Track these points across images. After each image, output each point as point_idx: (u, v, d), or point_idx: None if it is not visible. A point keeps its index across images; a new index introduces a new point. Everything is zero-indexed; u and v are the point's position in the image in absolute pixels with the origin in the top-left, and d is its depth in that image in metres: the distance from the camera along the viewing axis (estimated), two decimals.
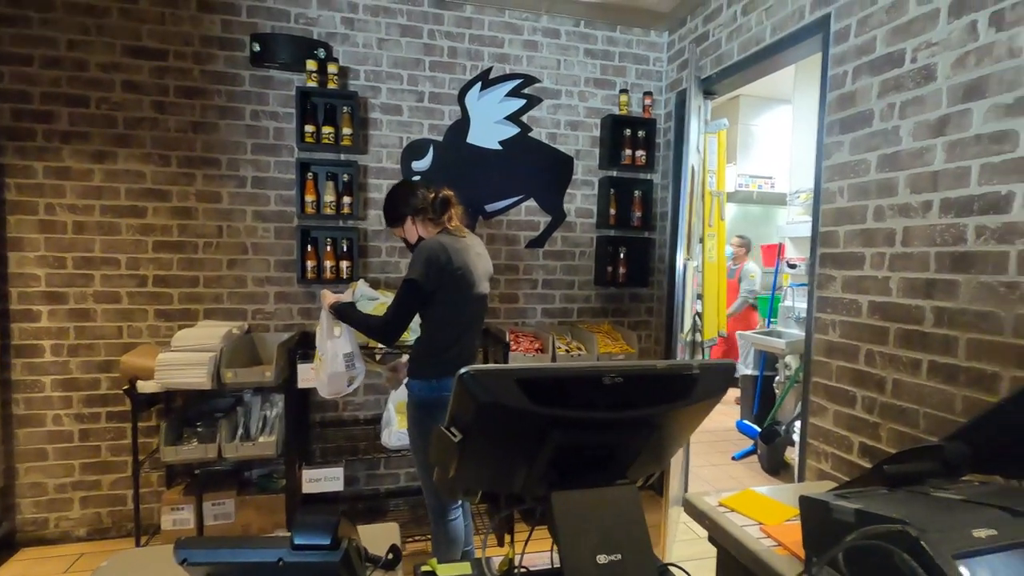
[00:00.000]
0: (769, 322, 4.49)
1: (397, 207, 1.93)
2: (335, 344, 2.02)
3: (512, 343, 2.70)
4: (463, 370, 0.67)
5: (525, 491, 0.79)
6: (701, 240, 2.82)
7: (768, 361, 4.25)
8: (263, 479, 2.70)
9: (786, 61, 2.46)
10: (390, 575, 0.81)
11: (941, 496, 0.80)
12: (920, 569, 0.62)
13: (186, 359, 2.27)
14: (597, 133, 3.13)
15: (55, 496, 2.58)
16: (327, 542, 0.56)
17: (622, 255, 3.12)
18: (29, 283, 2.50)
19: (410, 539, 2.57)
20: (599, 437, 0.75)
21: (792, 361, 3.90)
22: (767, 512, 1.05)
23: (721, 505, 1.06)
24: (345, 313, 1.94)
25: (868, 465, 1.83)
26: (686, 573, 0.89)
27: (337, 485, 2.48)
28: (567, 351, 2.75)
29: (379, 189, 2.84)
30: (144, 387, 2.30)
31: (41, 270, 2.51)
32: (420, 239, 1.91)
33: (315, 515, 0.57)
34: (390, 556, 0.79)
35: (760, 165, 5.57)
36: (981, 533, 0.68)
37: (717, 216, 3.07)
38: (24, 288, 2.49)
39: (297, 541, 0.56)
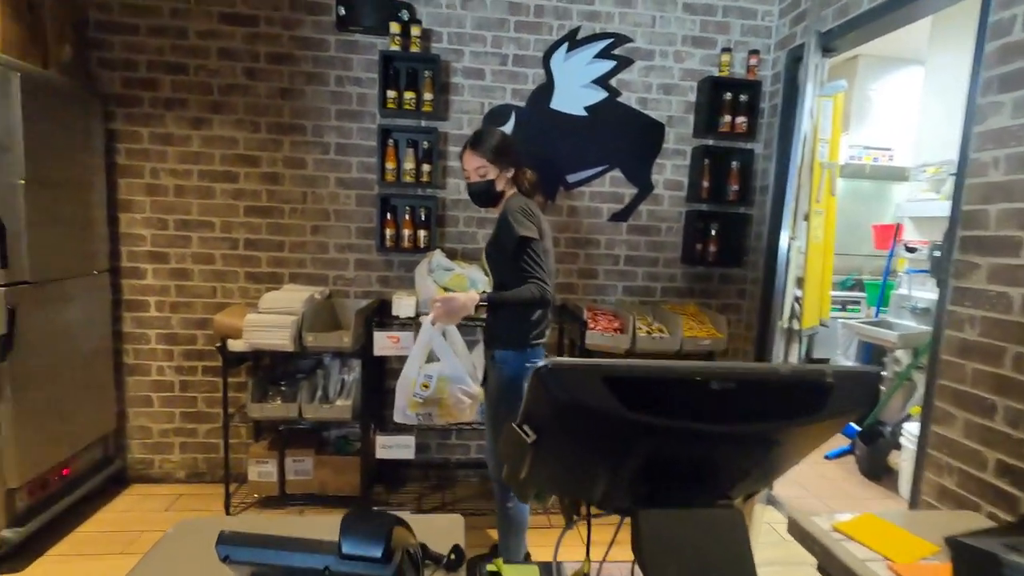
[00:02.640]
0: (878, 311, 4.04)
1: (508, 150, 1.89)
2: (447, 364, 1.95)
3: (590, 321, 2.57)
4: (541, 363, 0.57)
5: (606, 503, 0.69)
6: (806, 217, 2.53)
7: (874, 354, 3.84)
8: (340, 440, 2.79)
9: (929, 9, 2.09)
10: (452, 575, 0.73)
11: None
12: None
13: (271, 321, 2.35)
14: (693, 98, 2.86)
15: (159, 440, 2.80)
16: (378, 555, 0.49)
17: (713, 232, 2.88)
18: (136, 243, 2.67)
19: (477, 512, 2.56)
20: (700, 451, 0.62)
21: (903, 356, 3.49)
22: (895, 545, 0.88)
23: (836, 530, 0.90)
24: (498, 300, 1.81)
25: (1009, 488, 1.56)
26: None
27: (408, 453, 2.51)
28: (648, 333, 2.59)
29: (458, 157, 2.77)
30: (234, 346, 2.41)
31: (147, 231, 2.67)
32: (498, 195, 1.91)
33: (366, 520, 0.50)
34: (452, 556, 0.72)
35: (877, 135, 4.95)
36: None
37: (827, 191, 2.74)
38: (132, 247, 2.67)
39: (345, 550, 0.49)
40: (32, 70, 2.11)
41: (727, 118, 2.79)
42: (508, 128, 2.77)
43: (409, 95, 2.62)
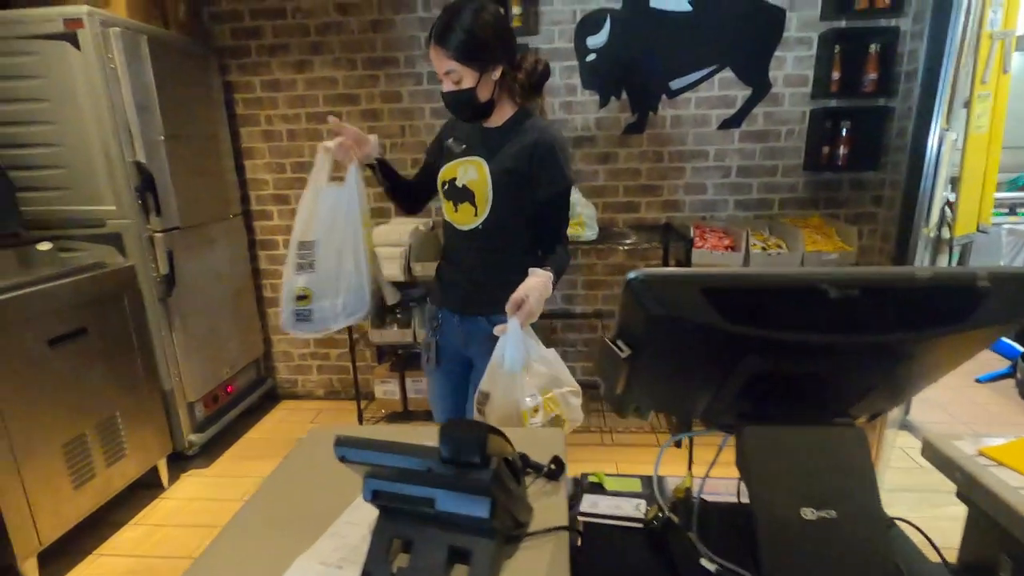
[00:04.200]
0: None
1: (487, 44, 1.25)
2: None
3: (697, 239, 2.43)
4: (632, 274, 0.54)
5: (709, 419, 0.66)
6: (967, 104, 2.13)
7: None
8: None
9: None
10: (554, 484, 0.76)
11: None
12: None
13: (381, 253, 2.48)
14: None
15: (299, 362, 3.16)
16: (476, 459, 0.51)
17: (844, 132, 2.52)
18: (261, 187, 2.91)
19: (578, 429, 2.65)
20: (815, 365, 0.57)
21: None
22: None
23: (982, 455, 0.80)
24: (557, 272, 1.33)
25: None
26: (919, 531, 0.70)
27: None
28: (764, 249, 2.40)
29: (552, 74, 2.63)
30: None
31: (269, 175, 2.90)
32: (485, 105, 1.32)
33: (464, 429, 0.52)
34: (552, 467, 0.74)
35: None
36: None
37: (997, 68, 2.27)
38: (258, 192, 2.92)
39: (445, 455, 0.52)
40: (157, 31, 2.29)
41: None
42: (603, 36, 2.57)
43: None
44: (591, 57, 2.60)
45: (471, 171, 1.37)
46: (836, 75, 2.48)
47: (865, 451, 0.59)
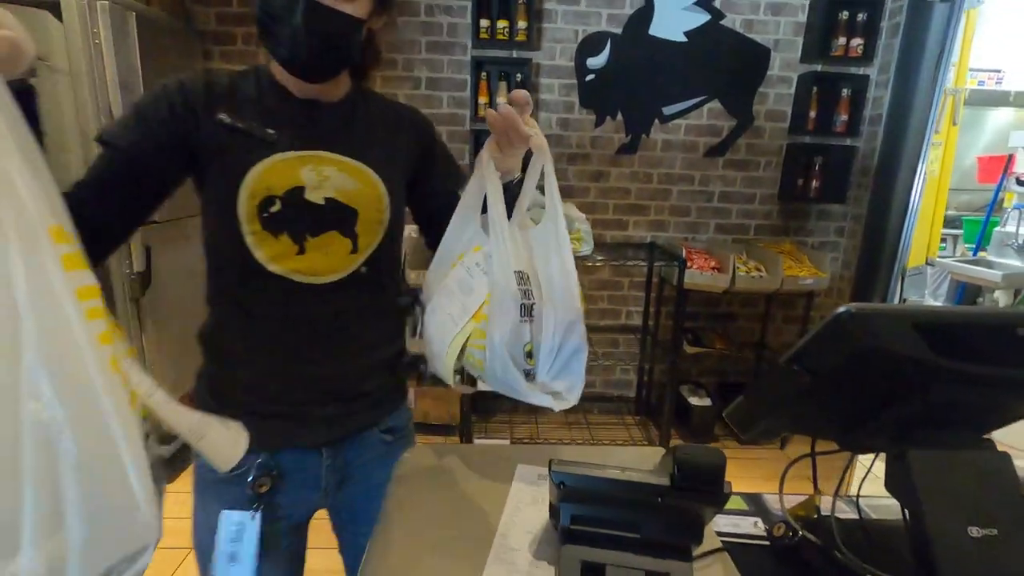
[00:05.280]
0: (977, 250, 3.84)
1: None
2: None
3: (687, 260, 2.54)
4: (843, 309, 0.57)
5: (858, 441, 0.70)
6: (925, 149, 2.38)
7: (967, 295, 3.68)
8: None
9: None
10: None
11: None
12: None
13: None
14: (803, 18, 2.65)
15: None
16: (711, 488, 0.52)
17: (817, 166, 2.74)
18: None
19: (565, 442, 2.67)
20: (992, 395, 0.62)
21: (1002, 297, 3.34)
22: None
23: None
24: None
25: None
26: None
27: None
28: (747, 272, 2.54)
29: (551, 90, 2.68)
30: None
31: None
32: (355, 56, 0.80)
33: (698, 454, 0.53)
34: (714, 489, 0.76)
35: (985, 55, 4.52)
36: None
37: (948, 120, 2.56)
38: None
39: (681, 483, 0.52)
40: (143, 9, 2.12)
41: (842, 40, 2.58)
42: (603, 58, 2.65)
43: (502, 24, 2.52)
44: (590, 77, 2.67)
45: (338, 176, 0.78)
46: (812, 113, 2.69)
47: (1013, 471, 0.65)
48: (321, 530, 0.98)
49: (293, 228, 0.77)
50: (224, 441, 0.63)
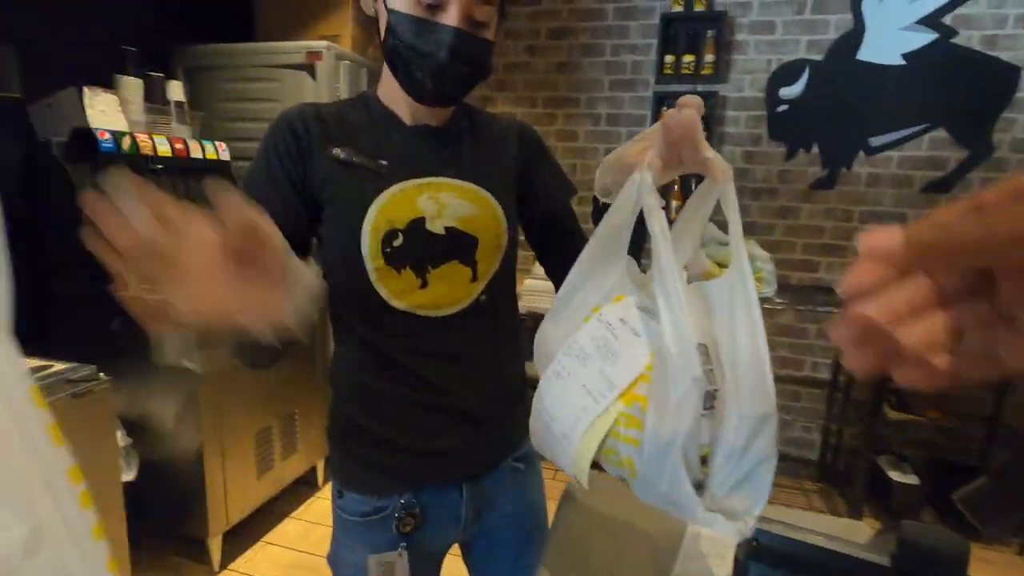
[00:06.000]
0: None
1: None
2: None
3: None
4: None
5: None
6: None
7: None
8: None
9: None
10: None
11: None
12: None
13: (544, 287, 2.51)
14: None
15: None
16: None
17: None
18: None
19: None
20: None
21: None
22: None
23: None
24: None
25: None
26: None
27: None
28: None
29: (736, 122, 2.57)
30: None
31: None
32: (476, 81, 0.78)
33: (933, 536, 0.46)
34: None
35: None
36: None
37: None
38: None
39: (905, 566, 0.46)
40: (371, 64, 2.51)
41: None
42: (799, 87, 2.46)
43: (688, 58, 2.49)
44: (783, 108, 2.50)
45: (455, 203, 0.77)
46: None
47: None
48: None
49: (416, 261, 0.75)
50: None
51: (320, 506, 2.35)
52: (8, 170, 1.81)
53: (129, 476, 1.64)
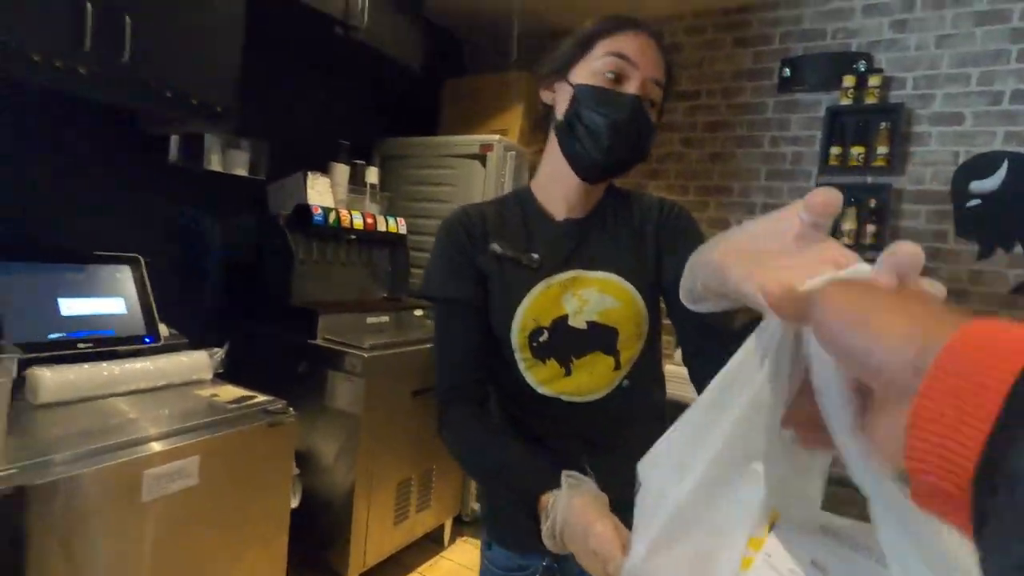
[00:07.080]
0: None
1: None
2: None
3: None
4: None
5: None
6: None
7: None
8: None
9: None
10: None
11: None
12: None
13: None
14: None
15: None
16: None
17: None
18: None
19: None
20: None
21: None
22: None
23: None
24: None
25: None
26: None
27: None
28: None
29: (915, 216, 2.36)
30: None
31: None
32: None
33: None
34: None
35: None
36: None
37: None
38: None
39: None
40: (533, 159, 2.78)
41: None
42: (995, 180, 2.22)
43: (857, 150, 2.39)
44: (974, 203, 2.25)
45: (597, 298, 0.80)
46: None
47: None
48: None
49: (560, 353, 0.81)
50: None
51: (444, 566, 2.40)
52: (246, 231, 2.27)
53: (294, 503, 1.85)
